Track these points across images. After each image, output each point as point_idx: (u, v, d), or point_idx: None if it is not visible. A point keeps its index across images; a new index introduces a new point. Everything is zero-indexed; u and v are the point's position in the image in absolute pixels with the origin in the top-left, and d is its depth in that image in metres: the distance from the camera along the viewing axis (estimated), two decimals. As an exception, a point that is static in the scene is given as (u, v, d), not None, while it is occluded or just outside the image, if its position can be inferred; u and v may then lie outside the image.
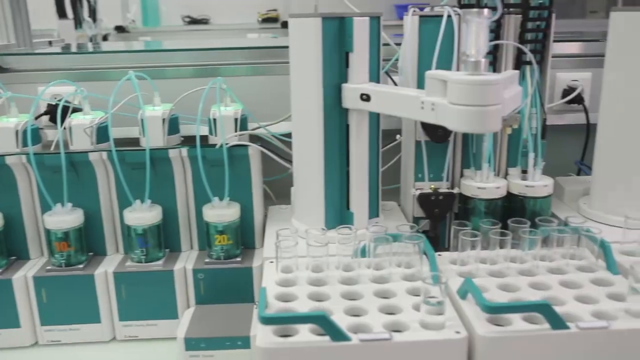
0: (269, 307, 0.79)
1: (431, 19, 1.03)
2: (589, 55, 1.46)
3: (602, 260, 0.91)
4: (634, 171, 1.07)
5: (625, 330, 0.73)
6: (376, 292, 0.83)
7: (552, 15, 1.05)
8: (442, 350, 0.72)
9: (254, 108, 1.24)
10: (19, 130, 1.06)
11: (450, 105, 0.75)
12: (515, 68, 1.06)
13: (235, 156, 1.05)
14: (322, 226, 0.99)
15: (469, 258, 0.89)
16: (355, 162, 0.98)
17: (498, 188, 1.06)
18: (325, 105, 0.95)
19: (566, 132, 1.44)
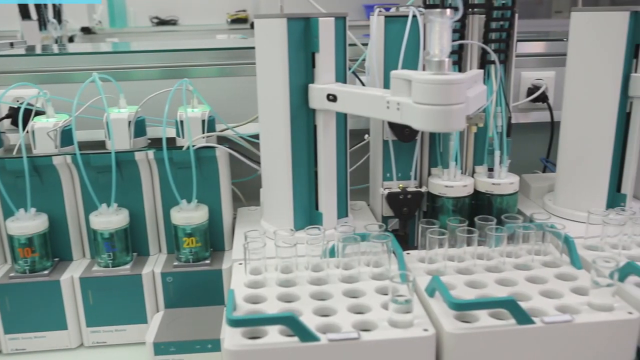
0: (238, 309, 0.79)
1: (397, 19, 1.03)
2: (553, 55, 1.49)
3: (567, 255, 0.92)
4: (596, 167, 1.10)
5: (588, 324, 0.75)
6: (345, 292, 0.83)
7: (515, 16, 1.07)
8: (410, 348, 0.72)
9: (222, 109, 1.23)
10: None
11: (415, 105, 0.76)
12: (480, 67, 1.08)
13: (202, 158, 1.04)
14: (291, 227, 0.99)
15: (436, 256, 0.90)
16: (323, 162, 0.98)
17: (465, 186, 1.07)
18: (291, 105, 0.95)
19: (531, 130, 1.46)
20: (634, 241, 0.97)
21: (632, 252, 0.95)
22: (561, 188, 1.16)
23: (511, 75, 1.10)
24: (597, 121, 1.08)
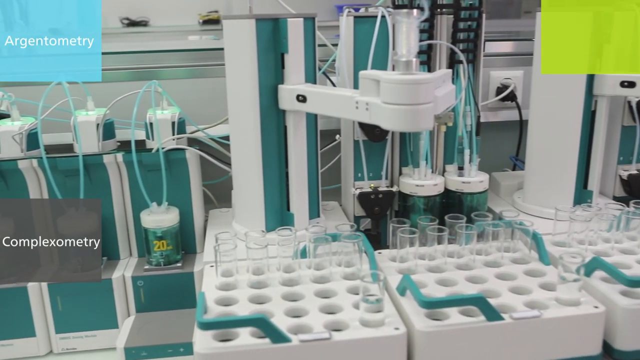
0: (209, 312, 0.78)
1: (366, 19, 1.04)
2: (521, 54, 1.51)
3: (535, 252, 0.94)
4: (563, 165, 1.12)
5: (555, 319, 0.76)
6: (317, 292, 0.83)
7: (483, 16, 1.08)
8: (381, 346, 0.72)
9: (192, 111, 1.23)
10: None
11: (384, 105, 0.76)
12: (449, 67, 1.09)
13: (172, 160, 1.03)
14: (263, 228, 0.99)
15: (407, 255, 0.90)
16: (293, 163, 0.98)
17: (435, 185, 1.08)
18: (261, 106, 0.95)
19: (501, 128, 1.48)
20: (600, 236, 0.99)
21: (598, 248, 0.96)
22: (530, 186, 1.18)
23: (479, 74, 1.11)
24: (563, 120, 1.10)
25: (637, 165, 1.22)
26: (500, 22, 2.97)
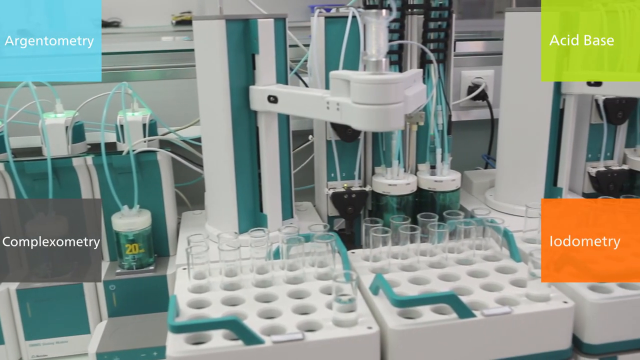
0: (181, 315, 0.78)
1: (337, 19, 1.04)
2: (491, 54, 1.52)
3: (507, 249, 0.95)
4: (533, 163, 1.13)
5: (526, 314, 0.77)
6: (290, 293, 0.83)
7: (453, 16, 1.09)
8: (354, 346, 0.73)
9: (164, 113, 1.22)
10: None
11: (354, 105, 0.76)
12: (420, 67, 1.09)
13: (143, 162, 1.02)
14: (236, 230, 0.99)
15: (380, 254, 0.91)
16: (266, 164, 0.98)
17: (408, 184, 1.09)
18: (232, 107, 0.94)
19: (473, 127, 1.50)
20: (569, 233, 1.00)
21: (568, 244, 0.98)
22: (501, 183, 1.19)
23: (450, 74, 1.12)
24: (532, 118, 1.11)
25: (605, 162, 1.24)
26: (473, 22, 3.00)
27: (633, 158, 1.25)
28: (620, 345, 0.82)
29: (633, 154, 1.26)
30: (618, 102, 1.18)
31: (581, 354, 0.82)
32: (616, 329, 0.82)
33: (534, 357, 0.79)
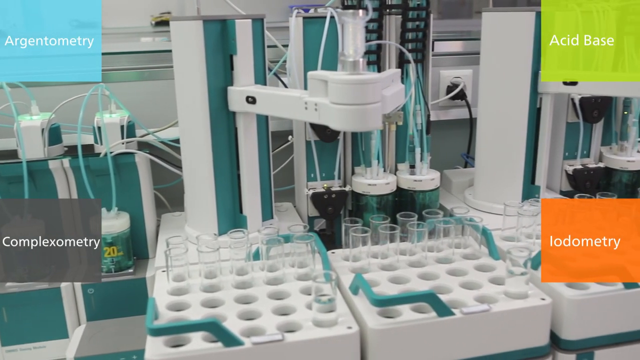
0: (160, 318, 0.77)
1: (315, 20, 1.04)
2: (470, 53, 1.53)
3: (485, 247, 0.95)
4: (511, 161, 1.14)
5: (504, 312, 0.78)
6: (270, 294, 0.83)
7: (430, 16, 1.09)
8: (334, 346, 0.73)
9: (142, 114, 1.20)
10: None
11: (332, 105, 0.76)
12: (399, 67, 1.10)
13: (121, 164, 1.01)
14: (215, 231, 0.98)
15: (360, 254, 0.91)
16: (245, 165, 0.97)
17: (388, 184, 1.09)
18: (211, 108, 0.94)
19: (452, 126, 1.51)
20: (547, 230, 1.01)
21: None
22: (480, 182, 1.20)
23: (429, 74, 1.13)
24: (510, 117, 1.12)
25: (582, 160, 1.26)
26: (452, 22, 3.01)
27: (609, 156, 1.26)
28: (597, 341, 0.83)
29: (609, 151, 1.28)
30: (593, 101, 1.20)
31: (559, 350, 0.83)
32: (593, 325, 0.83)
33: (513, 354, 0.80)
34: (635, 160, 1.24)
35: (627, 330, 0.84)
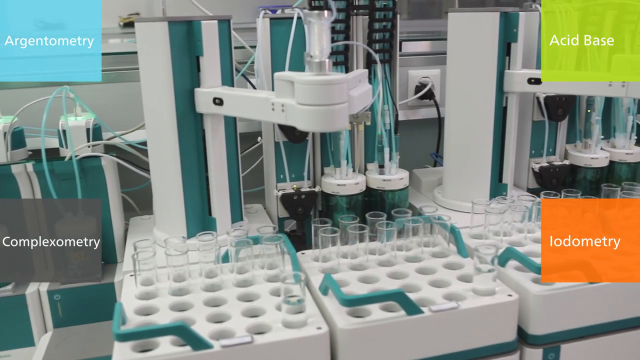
0: (128, 323, 0.76)
1: (282, 21, 1.04)
2: (437, 53, 1.55)
3: (454, 245, 0.96)
4: (479, 160, 1.15)
5: (472, 309, 0.79)
6: (240, 296, 0.82)
7: (397, 16, 1.10)
8: (304, 347, 0.73)
9: (109, 117, 1.19)
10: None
11: (298, 106, 0.76)
12: (366, 67, 1.10)
13: (87, 168, 1.00)
14: (184, 234, 0.97)
15: (330, 254, 0.91)
16: (213, 167, 0.97)
17: (357, 184, 1.09)
18: (177, 111, 0.93)
19: (421, 126, 1.52)
20: (514, 227, 1.03)
21: (512, 238, 1.00)
22: (448, 181, 1.21)
23: (396, 74, 1.13)
24: (477, 116, 1.14)
25: (548, 157, 1.28)
26: (422, 22, 3.04)
27: (573, 153, 1.29)
28: (563, 335, 0.85)
29: (573, 149, 1.31)
30: (558, 100, 1.22)
31: (526, 345, 0.84)
32: (559, 320, 0.84)
33: (481, 350, 0.81)
34: (599, 157, 1.27)
35: (592, 323, 0.86)
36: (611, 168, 1.29)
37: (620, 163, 1.28)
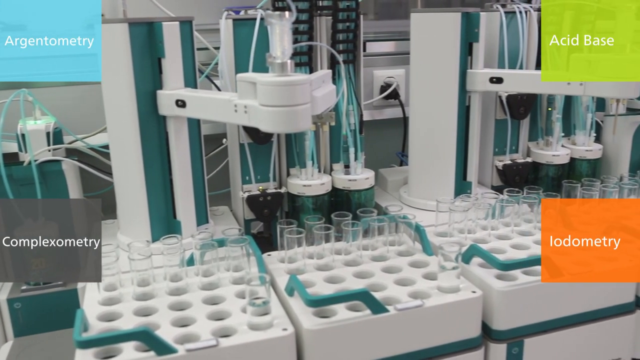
0: (91, 329, 0.75)
1: (245, 22, 1.03)
2: (402, 53, 1.56)
3: (419, 243, 0.97)
4: (443, 159, 1.17)
5: (437, 306, 0.80)
6: (205, 300, 0.82)
7: (360, 17, 1.10)
8: (270, 348, 0.72)
9: (71, 120, 1.17)
10: None
11: (261, 107, 0.76)
12: (331, 67, 1.10)
13: (47, 172, 0.98)
14: (148, 238, 0.96)
15: (296, 255, 0.91)
16: (177, 169, 0.96)
17: (323, 184, 1.09)
18: (140, 113, 0.92)
19: (387, 125, 1.53)
20: (478, 225, 1.04)
21: (477, 235, 1.02)
22: (413, 180, 1.23)
23: (361, 74, 1.14)
24: (440, 115, 1.15)
25: (511, 155, 1.30)
26: (389, 22, 3.06)
27: (535, 151, 1.31)
28: (526, 329, 0.86)
29: (535, 146, 1.33)
30: (519, 98, 1.24)
31: (490, 340, 0.85)
32: (522, 314, 0.86)
33: (446, 347, 0.82)
34: (560, 154, 1.29)
35: (554, 317, 0.88)
36: (572, 165, 1.32)
37: (581, 160, 1.31)
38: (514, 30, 1.20)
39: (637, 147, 1.36)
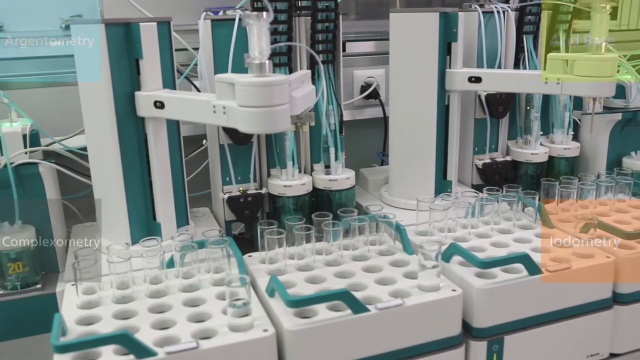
0: (69, 333, 0.74)
1: (224, 22, 1.03)
2: (382, 53, 1.56)
3: (400, 243, 0.98)
4: (423, 158, 1.17)
5: (417, 305, 0.80)
6: (185, 302, 0.81)
7: (339, 17, 1.10)
8: (251, 350, 0.72)
9: (48, 122, 1.15)
10: None
11: (239, 108, 0.76)
12: (310, 68, 1.10)
13: (24, 175, 0.96)
14: (128, 240, 0.95)
15: (277, 256, 0.91)
16: (157, 171, 0.95)
17: (303, 184, 1.09)
18: (118, 114, 0.91)
19: (368, 125, 1.53)
20: (458, 223, 1.05)
21: (457, 234, 1.02)
22: (394, 179, 1.23)
23: (340, 74, 1.14)
24: (420, 115, 1.15)
25: (491, 154, 1.31)
26: (370, 22, 3.07)
27: (515, 149, 1.33)
28: (506, 327, 0.87)
29: (514, 145, 1.34)
30: (498, 97, 1.25)
31: (471, 338, 0.86)
32: (501, 312, 0.86)
33: (428, 345, 0.82)
34: (539, 152, 1.31)
35: (533, 314, 0.89)
36: (550, 163, 1.34)
37: (559, 158, 1.33)
38: (492, 30, 1.21)
39: (613, 145, 1.38)
